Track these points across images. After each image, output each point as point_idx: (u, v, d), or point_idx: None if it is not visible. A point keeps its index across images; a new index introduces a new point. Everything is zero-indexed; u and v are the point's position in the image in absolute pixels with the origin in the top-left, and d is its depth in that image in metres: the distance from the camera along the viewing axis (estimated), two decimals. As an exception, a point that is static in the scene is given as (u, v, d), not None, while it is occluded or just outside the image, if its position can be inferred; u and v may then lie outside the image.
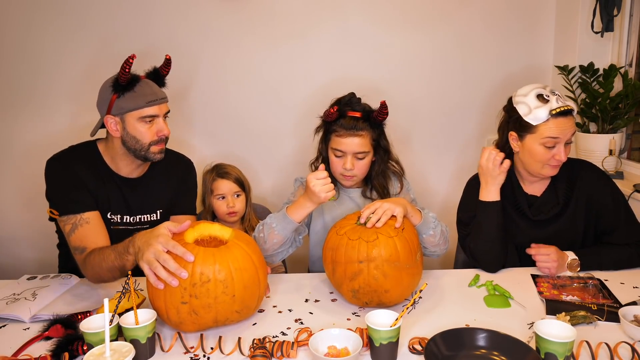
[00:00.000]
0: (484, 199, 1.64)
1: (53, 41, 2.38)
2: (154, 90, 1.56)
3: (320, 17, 2.44)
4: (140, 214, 1.69)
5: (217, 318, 1.23)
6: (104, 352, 1.03)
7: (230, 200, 2.01)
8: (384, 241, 1.34)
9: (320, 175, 1.46)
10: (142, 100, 1.52)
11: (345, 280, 1.35)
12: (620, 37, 2.32)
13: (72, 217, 1.52)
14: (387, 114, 1.61)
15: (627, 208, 1.66)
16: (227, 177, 2.02)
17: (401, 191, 1.76)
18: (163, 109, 1.59)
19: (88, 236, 1.50)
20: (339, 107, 1.65)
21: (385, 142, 1.71)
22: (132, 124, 1.53)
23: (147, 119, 1.54)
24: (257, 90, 2.51)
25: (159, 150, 1.60)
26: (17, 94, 2.43)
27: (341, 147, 1.63)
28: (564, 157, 1.54)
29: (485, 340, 1.14)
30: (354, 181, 1.70)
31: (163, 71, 1.62)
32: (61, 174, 1.56)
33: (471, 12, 2.48)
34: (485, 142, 2.63)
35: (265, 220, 1.59)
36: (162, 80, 1.62)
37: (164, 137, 1.59)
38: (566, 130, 1.52)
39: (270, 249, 1.58)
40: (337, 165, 1.67)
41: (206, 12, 2.40)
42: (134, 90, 1.51)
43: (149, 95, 1.54)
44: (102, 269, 1.40)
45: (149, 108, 1.53)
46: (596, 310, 1.33)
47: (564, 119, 1.51)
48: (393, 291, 1.35)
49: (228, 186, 2.01)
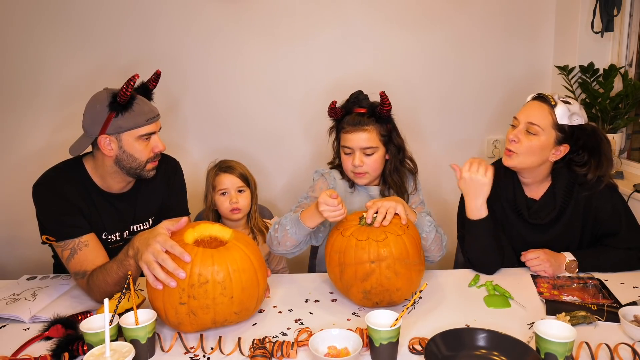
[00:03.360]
0: (473, 218, 1.57)
1: (55, 50, 2.39)
2: (151, 107, 1.55)
3: (321, 18, 2.45)
4: (133, 224, 1.67)
5: (215, 319, 1.23)
6: (104, 352, 1.03)
7: (233, 196, 1.94)
8: (393, 240, 1.34)
9: (330, 202, 1.40)
10: (141, 118, 1.49)
11: (356, 282, 1.35)
12: (620, 37, 2.32)
13: (70, 242, 1.48)
14: (390, 104, 1.60)
15: (628, 213, 1.65)
16: (230, 171, 1.96)
17: (415, 191, 1.74)
18: (158, 125, 1.57)
19: (87, 259, 1.47)
20: (345, 104, 1.65)
21: (398, 139, 1.69)
22: (130, 142, 1.50)
23: (144, 137, 1.52)
24: (261, 91, 2.51)
25: (153, 167, 1.58)
26: (19, 99, 2.44)
27: (348, 143, 1.64)
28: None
29: (485, 340, 1.14)
30: (367, 178, 1.68)
31: (150, 85, 1.58)
32: (51, 200, 1.51)
33: (472, 12, 2.48)
34: (486, 142, 2.64)
35: (281, 220, 1.57)
36: (150, 94, 1.59)
37: (159, 153, 1.58)
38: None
39: (283, 250, 1.58)
40: (347, 162, 1.67)
41: (208, 14, 2.41)
42: (132, 109, 1.48)
43: (147, 113, 1.51)
44: (109, 285, 1.38)
45: (148, 126, 1.51)
46: (596, 311, 1.33)
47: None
48: (404, 289, 1.35)
49: (231, 181, 1.94)
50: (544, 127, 1.54)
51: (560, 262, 1.59)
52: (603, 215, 1.63)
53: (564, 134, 1.55)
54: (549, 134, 1.55)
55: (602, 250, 1.63)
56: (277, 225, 1.57)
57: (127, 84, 1.44)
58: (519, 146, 1.58)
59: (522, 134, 1.57)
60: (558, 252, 1.62)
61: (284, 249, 1.57)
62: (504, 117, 2.60)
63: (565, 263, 1.59)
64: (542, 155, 1.58)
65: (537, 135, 1.55)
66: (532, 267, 1.59)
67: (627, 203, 1.68)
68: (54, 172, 1.57)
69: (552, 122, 1.54)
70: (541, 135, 1.55)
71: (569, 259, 1.59)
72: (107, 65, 2.41)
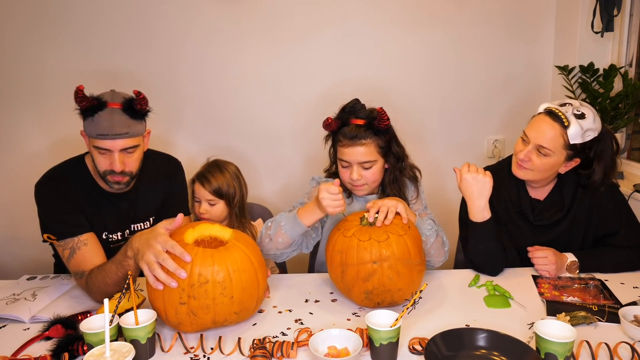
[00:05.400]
0: (476, 220, 1.56)
1: (56, 50, 2.39)
2: (112, 124, 1.44)
3: (321, 19, 2.44)
4: (134, 223, 1.67)
5: (215, 319, 1.23)
6: (104, 352, 1.03)
7: (202, 207, 1.92)
8: (395, 240, 1.34)
9: (332, 190, 1.40)
10: (93, 130, 1.44)
11: (358, 282, 1.35)
12: (620, 37, 2.32)
13: (70, 241, 1.48)
14: (388, 119, 1.55)
15: (629, 211, 1.66)
16: (204, 182, 1.91)
17: (417, 198, 1.70)
18: (117, 145, 1.46)
19: (86, 259, 1.47)
20: (341, 115, 1.60)
21: (397, 149, 1.63)
22: (91, 148, 1.50)
23: (100, 150, 1.47)
24: (260, 92, 2.51)
25: (115, 182, 1.52)
26: (19, 99, 2.44)
27: (345, 158, 1.58)
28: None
29: (485, 340, 1.14)
30: (365, 190, 1.65)
31: (137, 106, 1.48)
32: (52, 199, 1.51)
33: (472, 12, 2.48)
34: (486, 142, 2.63)
35: (275, 217, 1.55)
36: (137, 113, 1.49)
37: (118, 171, 1.49)
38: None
39: (273, 248, 1.53)
40: (344, 175, 1.62)
41: (208, 15, 2.40)
42: (92, 118, 1.44)
43: (102, 128, 1.44)
44: (108, 285, 1.37)
45: (99, 141, 1.45)
46: (597, 311, 1.33)
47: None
48: (405, 289, 1.35)
49: (203, 193, 1.92)
50: (554, 149, 1.51)
51: (563, 263, 1.59)
52: (604, 214, 1.63)
53: (575, 150, 1.53)
54: (560, 154, 1.53)
55: (603, 250, 1.63)
56: (270, 222, 1.55)
57: (74, 95, 1.42)
58: (530, 164, 1.56)
59: (532, 154, 1.55)
60: (561, 253, 1.61)
61: (275, 247, 1.52)
62: (504, 117, 2.60)
63: (567, 264, 1.59)
64: (553, 170, 1.58)
65: (547, 156, 1.53)
66: (537, 265, 1.58)
67: (627, 202, 1.68)
68: (56, 171, 1.58)
69: (564, 144, 1.51)
70: (552, 156, 1.53)
71: (571, 259, 1.59)
72: (107, 66, 2.41)
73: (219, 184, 1.92)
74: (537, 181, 1.64)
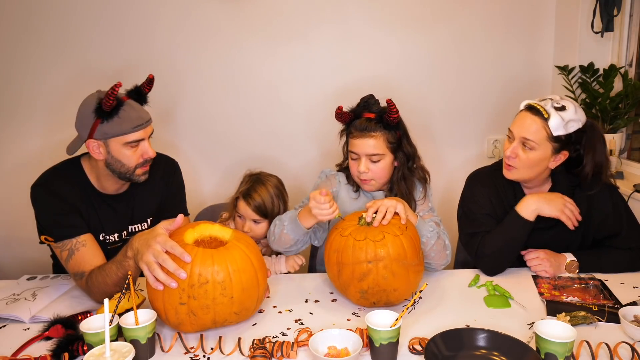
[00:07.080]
0: (523, 215, 1.56)
1: (52, 51, 2.39)
2: (140, 114, 1.50)
3: (322, 18, 2.44)
4: (131, 224, 1.67)
5: (215, 319, 1.23)
6: (104, 352, 1.03)
7: (247, 225, 1.84)
8: (391, 240, 1.34)
9: (318, 199, 1.42)
10: (128, 125, 1.46)
11: (353, 282, 1.35)
12: (620, 37, 2.32)
13: (68, 242, 1.47)
14: (397, 111, 1.56)
15: (629, 212, 1.65)
16: (248, 200, 1.82)
17: (424, 199, 1.70)
18: (148, 132, 1.53)
19: (85, 259, 1.46)
20: (355, 109, 1.63)
21: (408, 147, 1.65)
22: (117, 148, 1.48)
23: (132, 144, 1.49)
24: (260, 91, 2.51)
25: (143, 172, 1.56)
26: (15, 101, 2.44)
27: (354, 149, 1.61)
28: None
29: (485, 340, 1.14)
30: (373, 185, 1.66)
31: (145, 89, 1.54)
32: (49, 201, 1.50)
33: (472, 12, 2.48)
34: (486, 142, 2.63)
35: (281, 216, 1.59)
36: (144, 98, 1.55)
37: (149, 159, 1.55)
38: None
39: (280, 248, 1.58)
40: (353, 167, 1.65)
41: (207, 14, 2.40)
42: (118, 116, 1.45)
43: (134, 119, 1.48)
44: (108, 285, 1.37)
45: (135, 133, 1.48)
46: (597, 311, 1.33)
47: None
48: (401, 289, 1.35)
49: (247, 211, 1.82)
50: (538, 142, 1.52)
51: (561, 263, 1.59)
52: (604, 216, 1.63)
53: (560, 143, 1.53)
54: (545, 147, 1.53)
55: (603, 250, 1.63)
56: (277, 221, 1.59)
57: (111, 91, 1.41)
58: (517, 161, 1.57)
59: (518, 149, 1.56)
60: (558, 253, 1.61)
61: (281, 246, 1.57)
62: (504, 117, 2.60)
63: (566, 263, 1.59)
64: (541, 166, 1.58)
65: (533, 150, 1.53)
66: (532, 266, 1.59)
67: (627, 203, 1.68)
68: (52, 173, 1.57)
69: (547, 136, 1.51)
70: (537, 149, 1.53)
71: (570, 259, 1.59)
72: (104, 66, 2.41)
73: (264, 196, 1.83)
74: (528, 180, 1.63)
